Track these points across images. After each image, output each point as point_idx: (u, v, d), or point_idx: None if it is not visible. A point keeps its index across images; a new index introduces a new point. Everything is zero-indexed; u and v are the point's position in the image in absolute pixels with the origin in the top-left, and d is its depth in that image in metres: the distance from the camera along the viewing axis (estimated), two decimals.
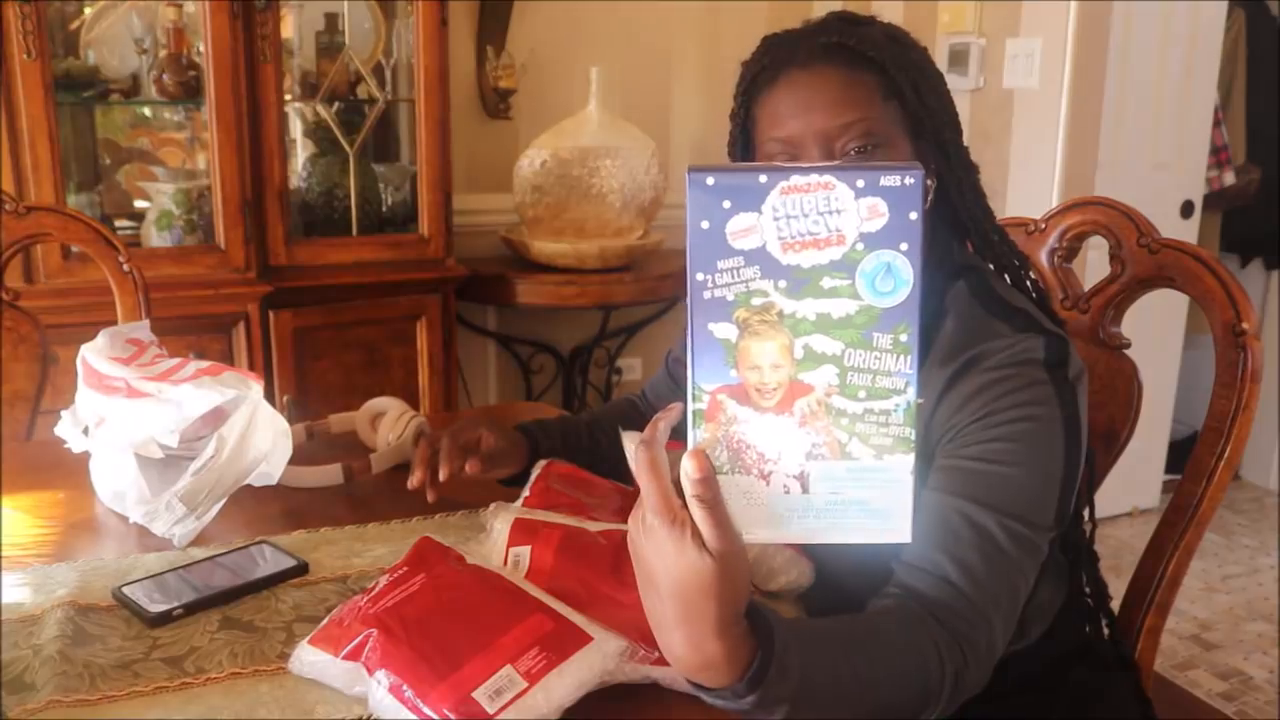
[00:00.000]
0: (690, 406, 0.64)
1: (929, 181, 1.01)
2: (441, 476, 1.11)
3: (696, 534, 0.63)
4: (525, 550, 0.95)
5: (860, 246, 0.62)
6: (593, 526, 0.99)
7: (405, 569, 0.90)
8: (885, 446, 0.64)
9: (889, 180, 0.61)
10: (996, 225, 1.04)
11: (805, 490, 0.65)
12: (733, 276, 0.62)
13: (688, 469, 0.62)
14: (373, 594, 0.87)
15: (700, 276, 0.62)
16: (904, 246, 0.62)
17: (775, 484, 0.65)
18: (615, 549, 0.94)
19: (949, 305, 0.97)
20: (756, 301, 0.62)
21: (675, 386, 1.31)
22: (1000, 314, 0.95)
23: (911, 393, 0.64)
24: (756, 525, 0.65)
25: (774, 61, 0.98)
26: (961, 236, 1.04)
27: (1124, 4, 2.80)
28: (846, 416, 0.64)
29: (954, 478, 0.88)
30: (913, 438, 0.64)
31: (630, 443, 1.21)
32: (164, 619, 0.92)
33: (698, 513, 0.63)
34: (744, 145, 1.04)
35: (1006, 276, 1.04)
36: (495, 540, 0.98)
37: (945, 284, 0.98)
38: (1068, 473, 0.91)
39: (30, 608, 0.94)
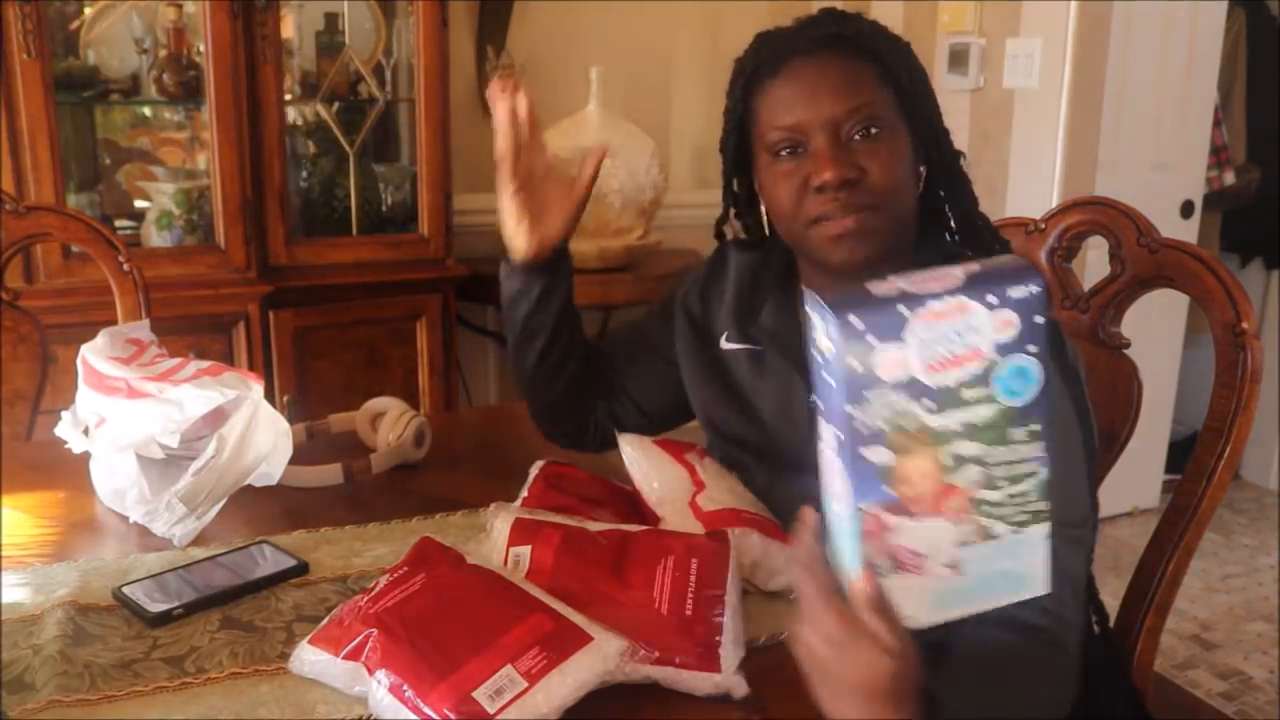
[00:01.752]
0: (850, 526, 0.67)
1: (920, 169, 1.03)
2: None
3: (877, 641, 0.67)
4: (525, 550, 0.95)
5: (996, 357, 0.64)
6: (593, 526, 0.99)
7: (405, 569, 0.90)
8: (1024, 522, 0.68)
9: (1016, 292, 0.64)
10: (981, 211, 1.06)
11: (958, 573, 0.68)
12: (883, 406, 0.64)
13: (859, 589, 0.67)
14: (373, 594, 0.87)
15: (850, 409, 0.64)
16: (1033, 349, 0.65)
17: (931, 574, 0.68)
18: (615, 549, 0.94)
19: None
20: (906, 424, 0.65)
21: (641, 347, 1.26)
22: None
23: (1044, 473, 0.67)
24: (919, 613, 0.69)
25: (773, 54, 1.00)
26: (945, 223, 1.06)
27: (1124, 4, 2.79)
28: (990, 504, 0.67)
29: None
30: (1047, 508, 0.68)
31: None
32: (164, 619, 0.93)
33: (874, 623, 0.67)
34: (738, 141, 1.06)
35: None
36: (495, 540, 0.98)
37: None
38: (1088, 455, 0.96)
39: (30, 608, 0.94)
